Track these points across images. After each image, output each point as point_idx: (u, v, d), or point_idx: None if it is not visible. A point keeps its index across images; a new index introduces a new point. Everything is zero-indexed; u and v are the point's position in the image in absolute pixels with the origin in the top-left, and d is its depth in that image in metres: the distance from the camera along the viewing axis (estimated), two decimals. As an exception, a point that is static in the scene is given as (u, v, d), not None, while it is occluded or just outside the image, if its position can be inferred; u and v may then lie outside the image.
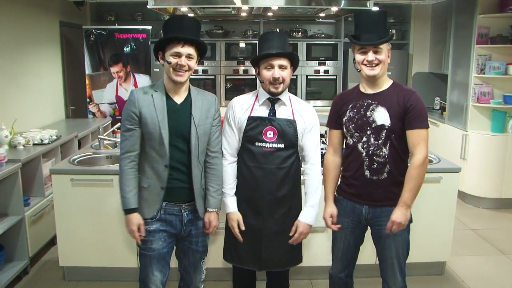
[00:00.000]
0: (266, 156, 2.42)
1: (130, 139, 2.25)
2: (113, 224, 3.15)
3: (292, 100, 2.52)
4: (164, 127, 2.22)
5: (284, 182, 2.46)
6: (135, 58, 5.83)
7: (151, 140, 2.24)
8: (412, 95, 2.24)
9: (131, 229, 2.28)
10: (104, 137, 3.82)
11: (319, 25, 7.28)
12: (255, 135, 2.43)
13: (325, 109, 6.96)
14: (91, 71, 5.75)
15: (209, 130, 2.35)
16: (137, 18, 6.85)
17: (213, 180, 2.42)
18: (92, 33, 5.70)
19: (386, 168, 2.28)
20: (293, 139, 2.44)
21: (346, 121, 2.35)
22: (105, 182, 3.12)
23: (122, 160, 2.27)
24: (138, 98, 2.24)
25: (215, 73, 6.84)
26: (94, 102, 5.80)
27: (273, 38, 2.42)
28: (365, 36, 2.23)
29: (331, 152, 2.49)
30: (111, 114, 5.84)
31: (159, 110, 2.23)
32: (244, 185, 2.49)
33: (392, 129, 2.25)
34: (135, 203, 2.27)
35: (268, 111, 2.46)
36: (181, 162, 2.28)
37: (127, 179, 2.26)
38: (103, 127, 4.13)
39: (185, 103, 2.31)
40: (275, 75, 2.37)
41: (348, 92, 2.46)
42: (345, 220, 2.43)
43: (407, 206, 2.24)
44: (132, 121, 2.24)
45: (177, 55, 2.20)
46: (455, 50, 5.55)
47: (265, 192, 2.44)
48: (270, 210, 2.46)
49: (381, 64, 2.25)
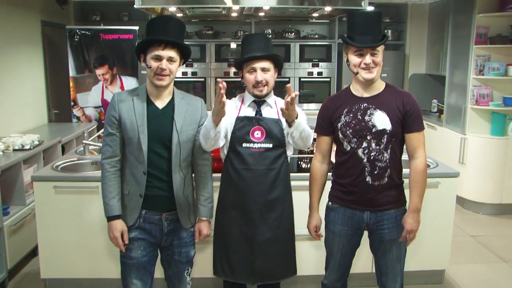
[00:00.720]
0: (255, 157, 2.44)
1: (111, 144, 2.27)
2: (99, 233, 3.13)
3: (278, 102, 2.57)
4: (143, 132, 2.22)
5: (275, 184, 2.48)
6: (121, 59, 5.80)
7: (131, 145, 2.25)
8: (409, 98, 2.30)
9: (115, 236, 2.28)
10: (89, 142, 3.80)
11: (312, 26, 7.30)
12: (243, 136, 2.45)
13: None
14: (76, 73, 5.72)
15: (194, 136, 2.35)
16: (124, 18, 6.83)
17: (203, 188, 2.42)
18: (76, 33, 5.67)
19: (387, 172, 2.31)
20: (281, 137, 2.47)
21: (341, 126, 2.35)
22: (90, 189, 3.10)
23: (104, 165, 2.28)
24: (118, 102, 2.26)
25: (205, 75, 6.83)
26: (78, 105, 5.77)
27: (255, 41, 2.46)
28: (360, 38, 2.24)
29: (319, 159, 2.49)
30: (96, 118, 5.81)
31: (138, 114, 2.24)
32: (233, 190, 2.50)
33: (393, 133, 2.27)
34: (118, 210, 2.28)
35: (255, 112, 2.50)
36: (161, 169, 2.28)
37: (109, 185, 2.27)
38: (88, 131, 4.10)
39: (167, 108, 2.31)
40: (258, 78, 2.41)
41: (338, 95, 2.46)
42: (343, 228, 2.43)
43: (418, 211, 2.30)
44: (113, 125, 2.26)
45: (158, 58, 2.20)
46: (453, 51, 5.60)
47: (257, 195, 2.45)
48: (262, 215, 2.47)
49: (377, 66, 2.27)
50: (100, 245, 3.16)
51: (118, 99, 2.27)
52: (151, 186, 2.28)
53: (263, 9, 5.02)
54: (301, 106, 6.85)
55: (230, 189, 2.51)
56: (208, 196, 2.43)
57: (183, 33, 2.33)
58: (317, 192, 2.50)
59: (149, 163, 2.25)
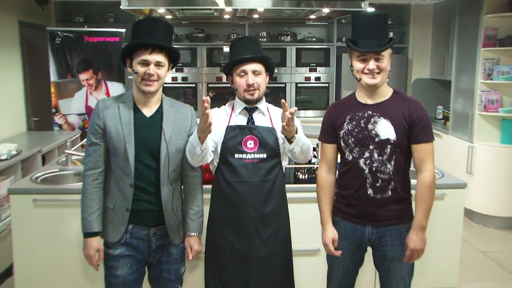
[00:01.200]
0: (248, 169, 2.44)
1: (94, 155, 2.26)
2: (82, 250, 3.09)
3: (270, 109, 2.57)
4: (130, 141, 2.22)
5: (270, 196, 2.47)
6: (107, 64, 5.80)
7: (116, 155, 2.24)
8: (417, 106, 2.28)
9: (89, 254, 2.28)
10: (72, 152, 3.77)
11: (309, 28, 7.34)
12: (234, 146, 2.45)
13: (316, 119, 6.98)
14: (57, 78, 5.70)
15: (184, 147, 2.35)
16: (109, 20, 6.84)
17: (192, 202, 2.42)
18: (58, 35, 5.66)
19: (390, 185, 2.29)
20: (275, 147, 2.47)
21: (344, 134, 2.34)
22: (73, 203, 3.06)
23: (85, 177, 2.28)
24: (103, 109, 2.25)
25: (196, 80, 6.84)
26: (60, 112, 5.74)
27: (244, 43, 2.48)
28: (364, 42, 2.24)
29: (324, 169, 2.48)
30: (80, 126, 5.79)
31: (125, 123, 2.23)
32: (225, 204, 2.49)
33: (397, 144, 2.26)
34: (97, 227, 2.28)
35: (246, 120, 2.50)
36: (148, 181, 2.28)
37: (90, 199, 2.26)
38: (71, 140, 4.08)
39: (156, 116, 2.31)
40: (249, 81, 2.42)
41: (343, 101, 2.47)
42: (344, 243, 2.42)
43: (423, 229, 2.27)
44: (97, 134, 2.25)
45: (144, 63, 2.20)
46: (459, 54, 5.63)
47: (251, 209, 2.44)
48: (257, 229, 2.46)
49: (383, 72, 2.26)
50: (83, 262, 3.11)
51: (102, 106, 2.26)
52: (138, 199, 2.27)
53: (258, 11, 5.03)
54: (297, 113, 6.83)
55: (222, 203, 2.50)
56: (198, 210, 2.43)
57: (171, 36, 2.33)
58: (327, 204, 2.47)
59: (136, 175, 2.24)
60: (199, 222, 2.43)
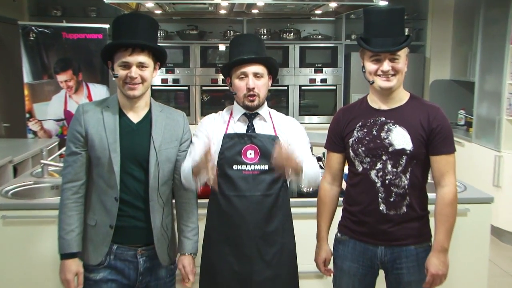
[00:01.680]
0: (248, 182, 2.43)
1: (74, 166, 2.26)
2: (58, 274, 3.07)
3: (273, 115, 2.58)
4: (115, 150, 2.22)
5: (273, 213, 2.47)
6: (88, 64, 5.81)
7: (99, 166, 2.24)
8: (437, 113, 2.27)
9: (67, 278, 2.26)
10: (48, 162, 3.77)
11: (315, 24, 7.37)
12: (233, 156, 2.45)
13: (322, 126, 6.97)
14: (32, 79, 5.69)
15: (175, 156, 2.36)
16: (91, 15, 6.86)
17: (187, 218, 2.42)
18: (32, 31, 5.65)
19: (405, 200, 2.28)
20: None
21: (353, 143, 2.34)
22: (49, 219, 3.03)
23: (63, 191, 2.27)
24: (85, 115, 2.25)
25: (189, 83, 6.85)
26: (35, 118, 5.73)
27: (246, 42, 2.48)
28: (378, 41, 2.23)
29: (328, 180, 2.49)
30: (58, 133, 5.79)
31: (109, 130, 2.24)
32: (223, 220, 2.48)
33: (414, 155, 2.25)
34: (76, 247, 2.26)
35: (246, 127, 2.50)
36: (136, 195, 2.28)
37: (68, 216, 2.25)
38: (47, 149, 4.08)
39: (144, 122, 2.32)
40: (249, 85, 2.41)
41: (353, 106, 2.47)
42: (353, 265, 2.40)
43: (445, 251, 2.26)
44: (77, 143, 2.25)
45: (125, 65, 2.21)
46: (485, 52, 5.64)
47: (252, 227, 2.43)
48: (259, 250, 2.45)
49: (398, 74, 2.26)
50: (60, 287, 3.10)
51: (84, 112, 2.26)
52: (124, 215, 2.26)
53: (257, 5, 5.05)
54: (301, 119, 6.87)
55: (219, 220, 2.49)
56: (193, 227, 2.43)
57: (156, 33, 2.35)
58: (326, 219, 2.49)
59: (122, 187, 2.24)
60: (194, 241, 2.42)
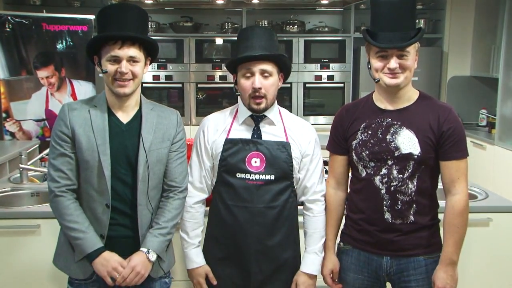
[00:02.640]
0: (251, 192, 2.43)
1: (65, 169, 2.24)
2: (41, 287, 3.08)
3: (284, 117, 2.55)
4: (105, 152, 2.23)
5: (277, 226, 2.47)
6: (72, 58, 5.81)
7: (88, 170, 2.24)
8: (449, 114, 2.27)
9: (109, 270, 2.22)
10: (28, 167, 3.77)
11: (321, 16, 7.38)
12: (236, 164, 2.44)
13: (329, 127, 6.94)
14: (8, 75, 5.69)
15: (166, 157, 2.37)
16: (75, 4, 6.87)
17: (161, 215, 2.36)
18: (8, 21, 5.62)
19: (412, 209, 2.29)
20: (287, 168, 2.45)
21: (357, 145, 2.35)
22: (28, 229, 3.05)
23: (58, 196, 2.23)
24: (70, 116, 2.26)
25: (183, 80, 6.85)
26: (13, 118, 5.73)
27: (254, 36, 2.44)
28: (385, 35, 2.23)
29: (332, 184, 2.51)
30: (38, 134, 5.79)
31: (98, 131, 2.24)
32: (223, 231, 2.49)
33: (422, 160, 2.26)
34: (99, 242, 2.24)
35: (252, 132, 2.48)
36: (125, 200, 2.29)
37: (76, 215, 2.23)
38: (26, 153, 4.07)
39: (134, 122, 2.33)
40: (255, 85, 2.38)
41: (356, 105, 2.47)
42: (358, 277, 2.42)
43: (453, 264, 2.26)
44: (64, 144, 2.25)
45: (115, 60, 2.22)
46: (509, 45, 5.63)
47: (252, 241, 2.44)
48: (259, 264, 2.46)
49: (407, 71, 2.25)
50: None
51: (69, 111, 2.26)
52: (114, 223, 2.27)
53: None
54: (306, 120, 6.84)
55: (219, 230, 2.50)
56: (165, 226, 2.35)
57: (147, 24, 2.36)
58: (331, 227, 2.50)
59: (112, 193, 2.25)
60: (161, 241, 2.33)
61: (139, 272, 2.26)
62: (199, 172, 2.52)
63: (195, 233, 2.51)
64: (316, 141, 2.55)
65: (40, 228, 3.05)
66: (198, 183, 2.52)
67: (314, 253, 2.51)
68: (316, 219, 2.52)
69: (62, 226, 2.27)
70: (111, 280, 2.23)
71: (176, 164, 2.40)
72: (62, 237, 2.35)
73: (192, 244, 2.50)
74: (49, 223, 2.89)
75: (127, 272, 2.24)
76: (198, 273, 2.50)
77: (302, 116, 6.89)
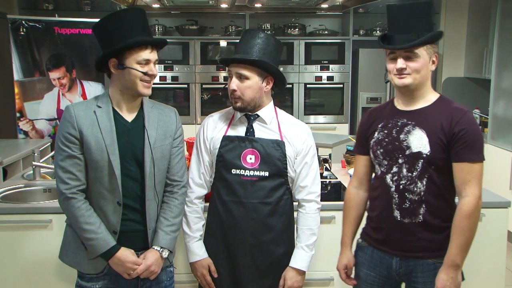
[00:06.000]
0: (245, 187, 2.44)
1: (74, 170, 2.21)
2: (52, 281, 3.09)
3: (280, 117, 2.56)
4: (114, 152, 2.22)
5: (271, 222, 2.47)
6: (82, 60, 5.82)
7: (97, 170, 2.23)
8: (463, 116, 2.20)
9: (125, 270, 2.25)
10: (40, 164, 3.76)
11: (321, 19, 7.38)
12: (231, 160, 2.45)
13: (328, 126, 7.00)
14: (22, 77, 5.70)
15: (169, 153, 2.38)
16: (85, 9, 6.86)
17: (169, 211, 2.39)
18: (22, 25, 5.64)
19: (421, 208, 2.25)
20: (281, 165, 2.46)
21: (373, 144, 2.34)
22: (41, 224, 3.05)
23: (69, 198, 2.21)
24: (77, 116, 2.23)
25: (188, 81, 6.85)
26: (26, 117, 5.74)
27: (246, 39, 2.47)
28: (396, 37, 2.21)
29: (354, 183, 2.49)
30: (50, 133, 5.80)
31: (105, 131, 2.23)
32: (220, 226, 2.50)
33: (430, 159, 2.21)
34: (113, 240, 2.24)
35: (245, 130, 2.50)
36: (134, 196, 2.29)
37: (88, 216, 2.21)
38: (39, 150, 4.07)
39: (138, 120, 2.33)
40: (230, 87, 2.42)
41: (380, 107, 2.45)
42: (370, 274, 2.40)
43: (456, 267, 2.20)
44: (73, 146, 2.22)
45: (146, 62, 2.23)
46: (501, 48, 5.62)
47: (247, 236, 2.45)
48: (254, 260, 2.47)
49: (414, 73, 2.21)
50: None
51: (75, 113, 2.24)
52: (125, 219, 2.27)
53: (261, -2, 5.06)
54: (306, 119, 6.88)
55: (216, 225, 2.51)
56: (174, 222, 2.39)
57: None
58: (350, 224, 2.47)
59: (123, 190, 2.25)
60: (171, 237, 2.37)
61: (153, 270, 2.31)
62: (198, 169, 2.54)
63: (196, 227, 2.52)
64: (311, 141, 2.55)
65: (52, 223, 3.05)
66: (197, 179, 2.54)
67: (302, 249, 2.50)
68: (308, 216, 2.52)
69: (74, 227, 2.26)
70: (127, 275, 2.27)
71: (177, 160, 2.43)
72: (69, 234, 2.34)
73: (194, 238, 2.50)
74: (60, 218, 2.88)
75: (142, 269, 2.27)
76: (201, 265, 2.50)
77: (303, 115, 6.90)
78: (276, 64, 2.49)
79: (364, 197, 2.47)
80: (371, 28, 7.32)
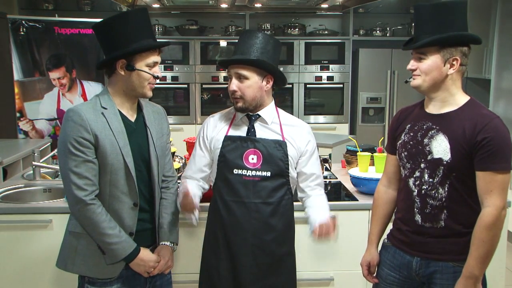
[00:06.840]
0: (247, 188, 2.44)
1: (89, 175, 2.16)
2: (52, 281, 3.08)
3: (282, 117, 2.56)
4: (128, 154, 2.23)
5: (273, 222, 2.47)
6: (82, 60, 5.82)
7: (112, 173, 2.21)
8: (489, 123, 2.11)
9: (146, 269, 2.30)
10: (40, 164, 3.76)
11: (321, 19, 7.38)
12: (233, 160, 2.45)
13: (329, 126, 7.00)
14: (22, 77, 5.69)
15: (166, 150, 2.44)
16: (85, 9, 6.87)
17: (170, 207, 2.45)
18: (22, 25, 5.64)
19: (443, 214, 2.21)
20: (283, 165, 2.46)
21: (399, 146, 2.32)
22: (41, 224, 3.05)
23: (87, 204, 2.16)
24: (89, 120, 2.16)
25: (188, 81, 6.85)
26: (26, 117, 5.74)
27: (244, 40, 2.47)
28: (421, 38, 2.19)
29: (384, 182, 2.48)
30: (50, 133, 5.80)
31: (118, 133, 2.22)
32: (221, 225, 2.50)
33: (451, 166, 2.16)
34: (133, 241, 2.26)
35: (246, 130, 2.50)
36: (145, 196, 2.33)
37: (108, 221, 2.19)
38: (39, 150, 4.06)
39: (139, 120, 2.36)
40: (230, 87, 2.43)
41: (410, 108, 2.42)
42: (390, 274, 2.39)
43: (475, 279, 2.14)
44: (87, 150, 2.15)
45: (154, 65, 2.26)
46: (501, 48, 5.62)
47: (249, 235, 2.45)
48: (255, 259, 2.46)
49: (422, 74, 2.19)
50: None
51: (87, 116, 2.17)
52: (139, 219, 2.31)
53: (261, -2, 5.06)
54: (307, 119, 6.87)
55: (217, 224, 2.51)
56: (175, 217, 2.48)
57: None
58: (377, 223, 2.46)
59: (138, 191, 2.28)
60: (176, 231, 2.47)
61: (171, 265, 2.42)
62: (195, 165, 2.56)
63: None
64: (313, 141, 2.58)
65: (52, 223, 3.05)
66: (194, 174, 2.56)
67: (322, 209, 2.49)
68: (321, 198, 2.54)
69: (92, 233, 2.21)
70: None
71: (169, 156, 2.50)
72: (75, 242, 2.28)
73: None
74: (60, 218, 2.89)
75: (162, 265, 2.34)
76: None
77: (303, 115, 6.90)
78: (275, 63, 2.49)
79: (393, 196, 2.45)
80: (371, 28, 7.32)
